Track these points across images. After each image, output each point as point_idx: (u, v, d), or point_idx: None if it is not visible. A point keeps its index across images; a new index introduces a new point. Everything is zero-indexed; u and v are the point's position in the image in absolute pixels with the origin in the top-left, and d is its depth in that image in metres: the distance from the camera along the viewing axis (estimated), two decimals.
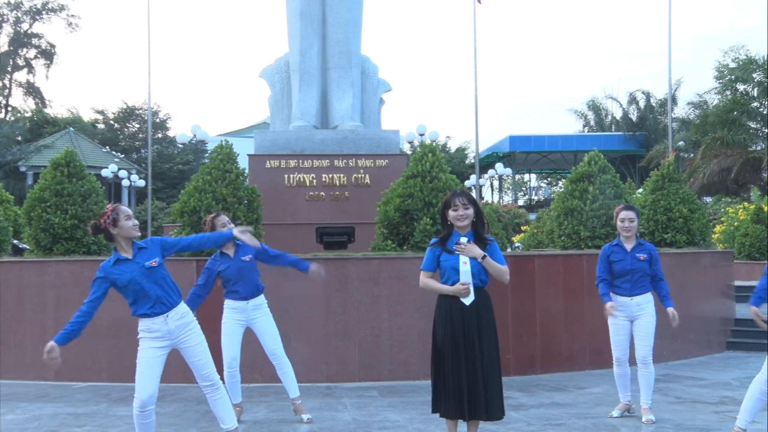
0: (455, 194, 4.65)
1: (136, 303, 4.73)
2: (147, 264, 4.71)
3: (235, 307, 6.22)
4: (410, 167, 9.59)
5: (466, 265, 4.54)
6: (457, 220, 4.60)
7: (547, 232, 11.50)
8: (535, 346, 8.96)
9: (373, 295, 8.66)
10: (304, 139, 13.93)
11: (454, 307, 4.57)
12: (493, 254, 4.63)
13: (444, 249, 4.65)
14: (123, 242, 4.73)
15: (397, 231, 9.34)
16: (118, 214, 4.70)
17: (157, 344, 4.76)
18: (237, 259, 6.22)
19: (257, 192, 9.60)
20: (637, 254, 6.12)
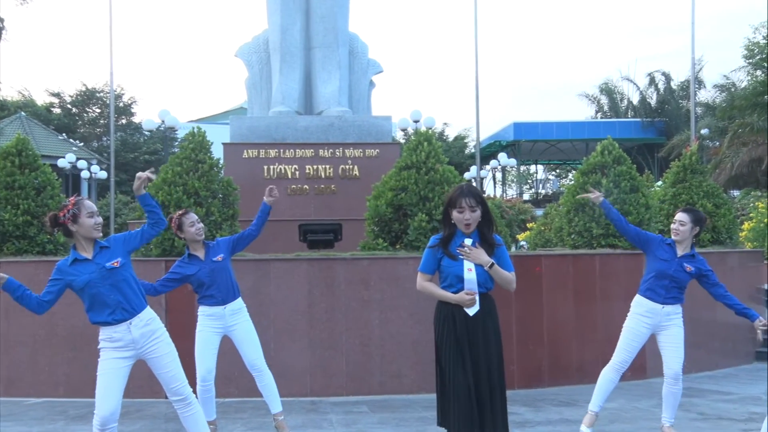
0: (462, 193, 4.57)
1: (92, 309, 4.73)
2: (107, 265, 4.71)
3: (211, 313, 6.20)
4: (404, 157, 9.59)
5: (471, 272, 4.51)
6: (461, 225, 4.56)
7: (556, 230, 11.53)
8: (542, 356, 9.00)
9: (363, 299, 8.67)
10: (286, 126, 13.92)
11: (457, 314, 4.57)
12: (501, 260, 4.60)
13: (446, 252, 4.60)
14: (83, 240, 4.74)
15: (389, 228, 9.35)
16: (80, 209, 4.71)
17: (119, 354, 4.76)
18: (208, 260, 6.20)
19: (233, 185, 9.60)
20: (685, 263, 6.10)
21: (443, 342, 4.64)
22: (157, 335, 4.85)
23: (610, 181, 10.06)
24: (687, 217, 6.14)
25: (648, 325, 6.16)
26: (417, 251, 8.90)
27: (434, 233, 9.00)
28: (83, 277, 4.67)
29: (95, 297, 4.69)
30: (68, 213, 4.69)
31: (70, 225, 4.70)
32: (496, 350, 4.60)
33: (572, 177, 19.92)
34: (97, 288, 4.67)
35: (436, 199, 9.08)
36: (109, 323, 4.72)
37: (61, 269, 4.71)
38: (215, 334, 6.21)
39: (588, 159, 10.58)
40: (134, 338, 4.75)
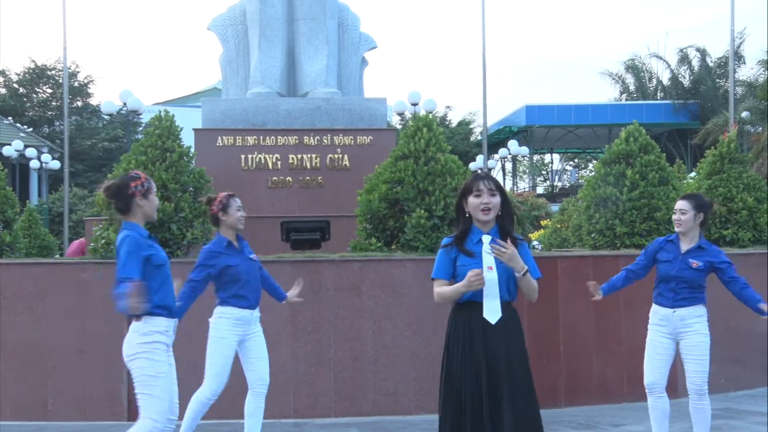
0: (478, 177, 4.58)
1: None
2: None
3: (240, 317, 6.28)
4: (400, 146, 9.62)
5: (491, 271, 4.43)
6: (479, 211, 4.49)
7: (574, 228, 11.56)
8: (558, 371, 9.04)
9: (353, 307, 8.70)
10: (266, 110, 13.94)
11: (474, 323, 4.47)
12: (525, 260, 4.53)
13: (462, 250, 4.54)
14: (141, 220, 5.05)
15: (384, 226, 9.38)
16: (152, 185, 5.12)
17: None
18: (246, 255, 6.36)
19: (206, 177, 9.61)
20: (690, 259, 6.15)
21: (455, 356, 4.52)
22: None
23: (636, 172, 10.10)
24: (688, 204, 6.20)
25: (665, 333, 6.22)
26: (415, 252, 8.93)
27: (434, 231, 9.03)
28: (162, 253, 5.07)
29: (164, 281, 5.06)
30: (142, 185, 5.06)
31: (139, 199, 5.01)
32: (522, 366, 4.49)
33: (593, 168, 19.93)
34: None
35: (437, 193, 9.11)
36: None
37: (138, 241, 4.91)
38: (236, 343, 6.32)
39: (611, 147, 10.62)
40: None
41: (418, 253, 8.89)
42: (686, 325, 6.17)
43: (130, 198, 4.94)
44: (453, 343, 4.55)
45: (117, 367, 8.33)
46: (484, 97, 29.06)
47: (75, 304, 8.44)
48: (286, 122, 13.88)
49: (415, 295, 8.63)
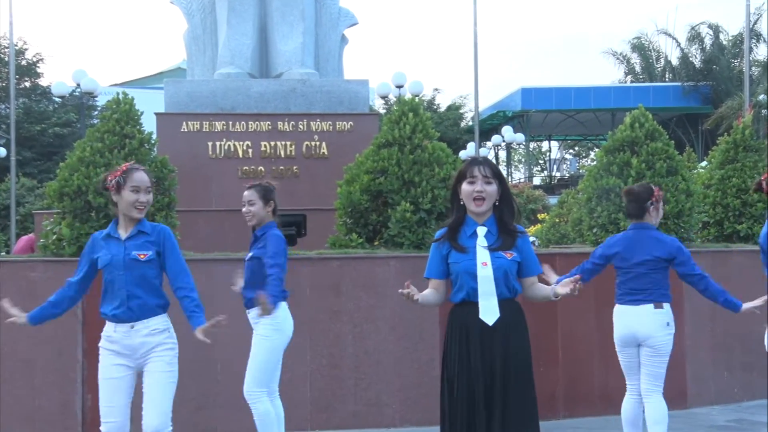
0: (474, 161, 4.59)
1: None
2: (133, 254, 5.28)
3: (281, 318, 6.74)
4: (383, 132, 9.62)
5: (486, 267, 4.45)
6: (471, 201, 4.51)
7: (574, 222, 11.62)
8: (556, 379, 9.09)
9: (332, 309, 8.71)
10: (236, 92, 13.90)
11: (471, 323, 4.48)
12: (525, 257, 4.60)
13: (453, 244, 4.56)
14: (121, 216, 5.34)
15: (366, 221, 9.39)
16: (126, 180, 5.29)
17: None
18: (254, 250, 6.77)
19: (170, 166, 9.59)
20: None
21: (452, 356, 4.55)
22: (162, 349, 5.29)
23: (642, 161, 10.14)
24: None
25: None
26: (400, 249, 8.95)
27: (421, 226, 9.05)
28: (107, 256, 5.25)
29: (109, 284, 5.27)
30: (114, 180, 5.27)
31: (113, 194, 5.30)
32: (526, 378, 4.50)
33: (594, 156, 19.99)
34: (113, 274, 5.24)
35: (424, 184, 9.13)
36: (110, 318, 5.27)
37: (92, 241, 5.39)
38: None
39: (614, 134, 10.65)
40: (133, 344, 5.23)
41: (403, 250, 8.91)
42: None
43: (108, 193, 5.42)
44: (450, 347, 4.58)
45: (70, 376, 8.32)
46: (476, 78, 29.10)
47: (23, 307, 8.40)
48: (257, 106, 13.84)
49: (399, 295, 8.62)
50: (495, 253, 4.50)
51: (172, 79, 15.23)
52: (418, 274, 4.69)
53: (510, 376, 4.44)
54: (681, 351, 8.89)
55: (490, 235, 4.55)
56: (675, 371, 7.12)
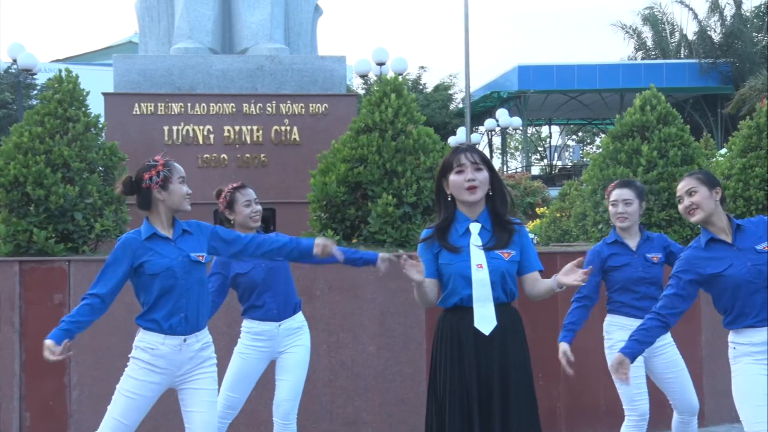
0: (459, 149, 4.60)
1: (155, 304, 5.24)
2: (192, 255, 5.27)
3: (261, 332, 6.65)
4: (363, 115, 9.62)
5: (482, 270, 4.45)
6: (464, 191, 4.50)
7: (577, 217, 11.66)
8: (557, 394, 9.11)
9: (305, 314, 8.69)
10: (195, 70, 13.87)
11: (464, 333, 4.47)
12: (524, 252, 4.61)
13: (443, 243, 4.56)
14: (165, 216, 5.31)
15: (343, 215, 9.38)
16: (172, 172, 5.25)
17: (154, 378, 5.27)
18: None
19: (120, 153, 9.55)
20: (648, 254, 6.61)
21: (441, 368, 4.54)
22: (208, 364, 5.37)
23: (654, 148, 10.16)
24: (632, 193, 6.61)
25: None
26: (381, 247, 8.95)
27: (405, 222, 9.06)
28: (164, 260, 5.17)
29: (165, 291, 5.18)
30: (157, 175, 5.19)
31: (157, 192, 5.22)
32: (525, 390, 4.49)
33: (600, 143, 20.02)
34: (174, 279, 5.17)
35: (408, 174, 9.13)
36: (162, 330, 5.19)
37: (131, 245, 5.17)
38: (261, 360, 6.71)
39: (622, 117, 10.68)
40: (180, 360, 5.25)
41: (385, 249, 8.91)
42: (662, 338, 6.39)
43: (146, 191, 5.25)
44: (439, 358, 4.56)
45: (6, 393, 8.27)
46: (467, 55, 29.11)
47: None
48: (220, 85, 13.82)
49: (381, 301, 8.65)
50: (491, 253, 4.50)
51: (123, 54, 15.14)
52: (403, 276, 4.66)
53: (509, 391, 4.43)
54: (697, 362, 8.94)
55: (484, 232, 4.56)
56: None
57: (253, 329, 6.64)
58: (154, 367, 5.21)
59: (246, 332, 6.68)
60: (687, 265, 5.23)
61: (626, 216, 6.56)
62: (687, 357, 6.84)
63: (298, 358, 6.76)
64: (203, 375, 5.32)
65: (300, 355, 6.77)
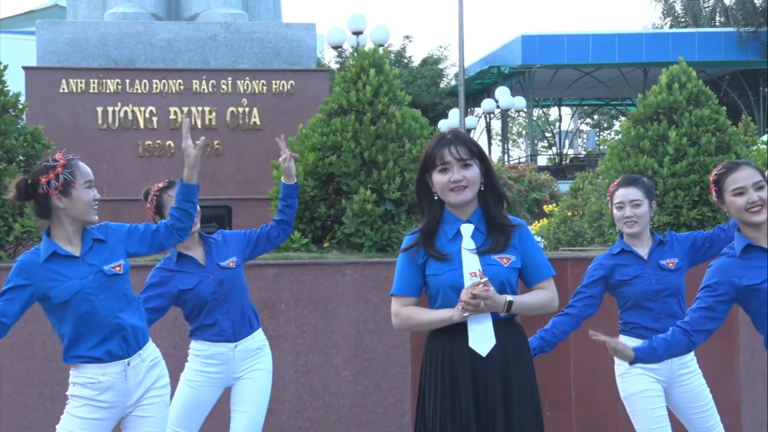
0: (441, 142, 4.58)
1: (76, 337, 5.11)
2: (106, 269, 5.19)
3: (213, 356, 6.53)
4: (336, 95, 9.63)
5: (476, 279, 4.41)
6: (448, 192, 4.51)
7: (591, 216, 11.70)
8: (567, 426, 9.15)
9: (267, 332, 8.67)
10: (134, 39, 13.84)
11: (458, 356, 4.47)
12: (527, 255, 4.60)
13: (431, 252, 4.55)
14: (70, 226, 5.16)
15: (312, 214, 9.39)
16: (75, 175, 5.10)
17: (100, 414, 5.17)
18: (212, 266, 6.52)
19: (43, 140, 9.54)
20: (662, 260, 6.52)
21: (432, 396, 4.53)
22: (160, 385, 5.35)
23: (683, 134, 10.19)
24: (640, 192, 6.54)
25: (656, 378, 6.48)
26: (358, 252, 8.97)
27: (387, 222, 9.07)
28: (71, 283, 5.01)
29: (85, 317, 5.06)
30: (56, 179, 5.05)
31: (56, 199, 5.05)
32: (530, 421, 4.50)
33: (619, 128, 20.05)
34: (90, 302, 5.06)
35: (391, 165, 9.15)
36: (99, 360, 5.08)
37: (29, 269, 5.03)
38: (214, 387, 6.60)
39: (646, 97, 10.70)
40: (128, 388, 5.16)
41: (363, 254, 8.93)
42: (684, 364, 6.46)
43: (42, 198, 5.11)
44: (428, 385, 4.56)
45: None
46: (461, 22, 29.15)
47: None
48: (165, 58, 13.80)
49: (357, 316, 8.67)
50: (487, 258, 4.49)
51: (47, 20, 15.09)
52: (384, 286, 4.68)
53: (512, 423, 4.43)
54: (734, 388, 8.98)
55: (478, 234, 4.56)
56: (726, 416, 7.18)
57: (204, 352, 6.54)
58: (99, 403, 5.14)
59: (195, 356, 6.59)
60: (719, 275, 5.13)
61: (635, 220, 6.48)
62: (722, 382, 6.87)
63: (258, 386, 6.67)
64: (152, 400, 5.28)
65: (260, 382, 6.68)
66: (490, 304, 4.34)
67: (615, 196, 6.57)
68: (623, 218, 6.50)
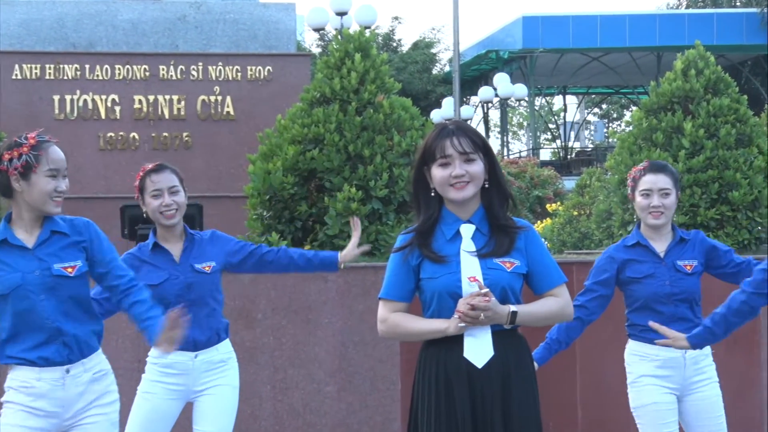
0: (444, 133, 4.51)
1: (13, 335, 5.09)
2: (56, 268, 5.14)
3: (171, 364, 6.42)
4: (318, 82, 9.63)
5: (476, 284, 4.38)
6: (448, 188, 4.47)
7: (599, 216, 11.71)
8: (575, 423, 9.16)
9: (243, 344, 8.70)
10: (95, 20, 13.83)
11: (454, 368, 4.45)
12: (534, 260, 4.57)
13: (426, 253, 4.52)
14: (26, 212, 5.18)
15: (292, 214, 9.40)
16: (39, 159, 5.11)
17: (35, 423, 5.11)
18: (185, 264, 6.44)
19: None
20: (679, 261, 6.45)
21: (425, 413, 4.52)
22: (106, 402, 5.26)
23: (700, 125, 10.21)
24: (669, 180, 6.47)
25: (669, 388, 6.45)
26: None
27: (374, 223, 9.08)
28: (13, 275, 5.04)
29: (23, 316, 5.06)
30: (18, 158, 5.10)
31: (15, 180, 5.09)
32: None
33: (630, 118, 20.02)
34: (30, 300, 5.04)
35: (378, 159, 9.15)
36: (33, 363, 5.05)
37: None
38: (173, 400, 6.50)
39: (659, 85, 10.71)
40: (67, 397, 5.11)
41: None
42: (700, 371, 6.45)
43: (5, 177, 5.10)
44: (421, 402, 4.55)
45: None
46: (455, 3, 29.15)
47: None
48: (128, 41, 13.80)
49: (341, 326, 8.66)
50: (488, 262, 4.45)
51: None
52: (371, 293, 4.67)
53: None
54: (756, 405, 9.00)
55: (479, 236, 4.53)
56: None
57: (161, 360, 6.41)
58: (35, 411, 5.07)
59: (152, 363, 6.48)
60: None
61: (662, 211, 6.38)
62: (743, 398, 6.87)
63: (221, 403, 6.57)
64: (95, 418, 5.19)
65: (224, 399, 6.58)
66: (491, 315, 4.31)
67: (641, 182, 6.45)
68: (649, 207, 6.39)
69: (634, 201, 6.54)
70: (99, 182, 13.13)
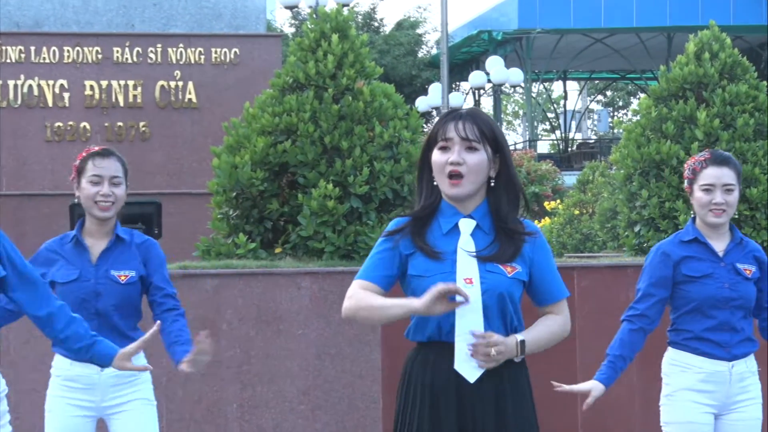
0: (451, 115, 4.48)
1: None
2: None
3: (75, 377, 6.32)
4: (290, 66, 9.64)
5: (471, 286, 4.33)
6: (442, 178, 4.42)
7: (603, 215, 11.74)
8: None
9: None
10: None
11: (442, 382, 4.41)
12: (539, 269, 4.55)
13: (420, 245, 4.46)
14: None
15: (261, 213, 9.40)
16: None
17: None
18: (101, 269, 6.33)
19: None
20: (739, 264, 6.39)
21: (408, 429, 4.49)
22: None
23: (715, 114, 10.22)
24: (733, 174, 6.40)
25: (710, 405, 6.40)
26: (317, 259, 8.97)
27: (352, 223, 9.08)
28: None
29: None
30: None
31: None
32: None
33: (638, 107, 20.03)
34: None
35: (357, 152, 9.15)
36: None
37: None
38: (81, 417, 6.38)
39: (670, 70, 10.73)
40: None
41: (323, 262, 8.93)
42: (744, 388, 6.41)
43: None
44: (405, 420, 4.51)
45: None
46: None
47: None
48: (78, 20, 13.80)
49: (316, 337, 8.67)
50: (487, 265, 4.41)
51: None
52: None
53: None
54: None
55: (480, 234, 4.49)
56: None
57: (64, 372, 6.32)
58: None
59: (56, 376, 6.38)
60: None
61: (724, 209, 6.30)
62: None
63: (140, 419, 6.42)
64: None
65: (142, 415, 6.42)
66: (502, 350, 4.32)
67: (702, 175, 6.36)
68: (710, 204, 6.31)
69: (692, 195, 6.43)
70: (45, 177, 13.11)
